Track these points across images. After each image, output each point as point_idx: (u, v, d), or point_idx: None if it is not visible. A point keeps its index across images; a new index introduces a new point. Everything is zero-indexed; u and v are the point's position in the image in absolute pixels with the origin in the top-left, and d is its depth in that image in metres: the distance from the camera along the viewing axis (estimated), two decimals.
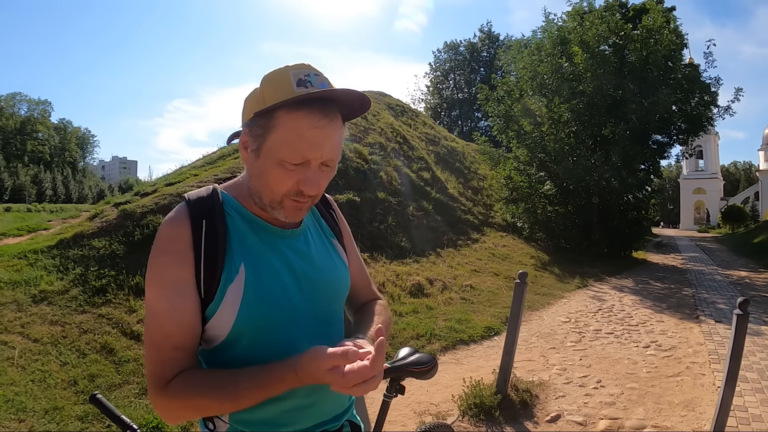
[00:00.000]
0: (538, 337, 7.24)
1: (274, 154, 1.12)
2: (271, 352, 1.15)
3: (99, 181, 74.85)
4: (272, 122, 1.12)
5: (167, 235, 1.16)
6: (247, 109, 1.18)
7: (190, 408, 1.12)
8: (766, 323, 8.00)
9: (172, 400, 1.10)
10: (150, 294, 1.15)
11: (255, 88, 1.19)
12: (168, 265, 1.14)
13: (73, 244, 7.00)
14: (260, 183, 1.17)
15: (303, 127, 1.10)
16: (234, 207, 1.23)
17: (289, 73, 1.13)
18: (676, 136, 19.16)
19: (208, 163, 13.08)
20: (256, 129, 1.14)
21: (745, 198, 60.12)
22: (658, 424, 4.34)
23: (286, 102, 1.09)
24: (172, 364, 1.12)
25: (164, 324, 1.12)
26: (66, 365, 4.70)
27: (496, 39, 52.25)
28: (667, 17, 17.48)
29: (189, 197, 1.22)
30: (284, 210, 1.18)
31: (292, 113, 1.10)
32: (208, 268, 1.13)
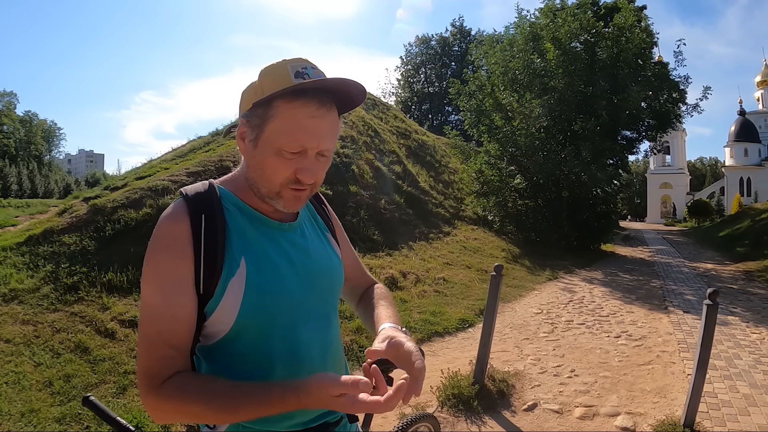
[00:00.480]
0: (511, 328, 7.33)
1: (272, 143, 1.14)
2: (273, 344, 1.17)
3: (65, 175, 73.11)
4: (270, 112, 1.13)
5: (166, 230, 1.15)
6: (245, 101, 1.19)
7: (182, 413, 1.12)
8: (733, 313, 8.24)
9: (165, 401, 1.08)
10: (146, 290, 1.14)
11: (252, 81, 1.20)
12: (166, 261, 1.13)
13: (42, 240, 6.82)
14: (258, 173, 1.18)
15: (300, 116, 1.12)
16: (232, 201, 1.23)
17: (287, 66, 1.14)
18: (644, 132, 19.49)
19: (179, 156, 12.94)
20: (254, 119, 1.16)
21: (710, 193, 61.64)
22: (632, 411, 4.45)
23: (284, 91, 1.10)
24: (165, 363, 1.10)
25: (159, 320, 1.11)
26: (40, 366, 4.56)
27: (467, 34, 52.37)
28: (638, 16, 17.77)
29: (186, 192, 1.21)
30: (283, 200, 1.19)
31: (290, 103, 1.12)
32: (208, 264, 1.12)
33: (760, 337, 6.81)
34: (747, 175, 57.82)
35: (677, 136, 55.76)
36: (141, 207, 7.78)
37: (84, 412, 3.91)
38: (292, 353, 1.20)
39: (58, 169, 70.54)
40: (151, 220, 7.49)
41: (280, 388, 1.05)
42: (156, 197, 8.13)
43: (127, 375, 4.56)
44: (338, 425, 1.34)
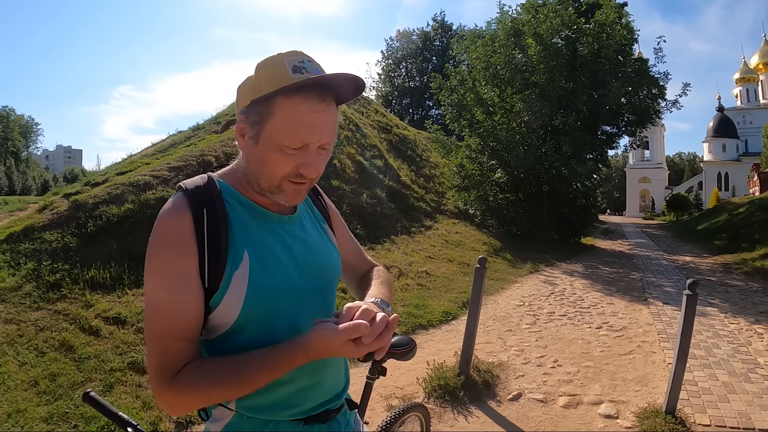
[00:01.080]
0: (494, 320, 7.39)
1: (273, 139, 1.14)
2: (277, 335, 1.17)
3: (43, 171, 71.96)
4: (270, 109, 1.13)
5: (168, 226, 1.14)
6: (242, 96, 1.19)
7: (199, 398, 1.13)
8: (711, 305, 8.39)
9: (180, 392, 1.09)
10: (151, 286, 1.13)
11: (249, 75, 1.20)
12: (170, 256, 1.12)
13: (23, 237, 6.73)
14: (259, 168, 1.19)
15: (301, 112, 1.13)
16: (232, 195, 1.23)
17: (284, 60, 1.14)
18: (624, 128, 19.74)
19: (160, 151, 12.82)
20: (253, 116, 1.16)
21: (689, 187, 62.46)
22: (615, 399, 4.53)
23: (283, 89, 1.11)
24: (177, 356, 1.11)
25: (167, 316, 1.11)
26: (25, 365, 4.49)
27: (449, 28, 52.40)
28: (619, 13, 17.94)
29: (186, 186, 1.20)
30: (284, 193, 1.20)
31: (290, 99, 1.12)
32: (212, 258, 1.13)
33: (738, 328, 6.95)
34: (725, 170, 58.75)
35: (656, 131, 56.40)
36: (123, 202, 7.72)
37: (72, 411, 3.88)
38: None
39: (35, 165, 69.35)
40: (133, 215, 7.45)
41: (287, 348, 1.09)
42: (138, 192, 8.08)
43: (113, 373, 4.53)
44: (339, 412, 1.36)
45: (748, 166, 49.82)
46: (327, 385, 1.31)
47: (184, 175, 9.23)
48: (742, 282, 11.07)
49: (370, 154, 16.25)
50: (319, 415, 1.28)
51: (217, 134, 13.28)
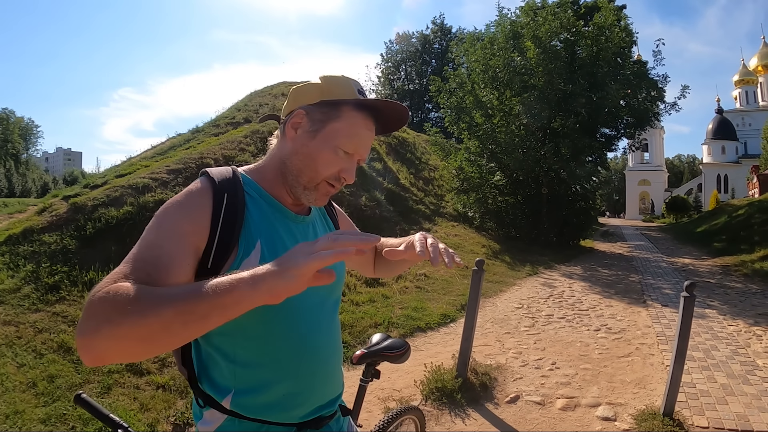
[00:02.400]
0: (492, 322, 7.39)
1: (331, 139, 1.24)
2: (279, 328, 1.20)
3: (43, 173, 71.71)
4: (337, 113, 1.25)
5: (188, 196, 1.16)
6: (306, 96, 1.28)
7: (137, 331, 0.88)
8: (710, 306, 8.39)
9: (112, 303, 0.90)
10: (146, 231, 1.09)
11: (311, 82, 1.31)
12: (177, 214, 1.12)
13: (22, 239, 6.73)
14: (306, 162, 1.26)
15: (361, 125, 1.27)
16: (254, 188, 1.28)
17: (350, 81, 1.29)
18: (623, 130, 19.67)
19: (159, 154, 12.84)
20: (317, 114, 1.25)
21: (688, 189, 62.62)
22: (613, 401, 4.53)
23: (354, 101, 1.25)
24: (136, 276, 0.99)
25: (147, 255, 1.03)
26: (23, 367, 4.49)
27: (448, 31, 52.44)
28: (617, 15, 17.93)
29: (211, 173, 1.23)
30: (317, 193, 1.29)
31: (356, 112, 1.26)
32: (222, 240, 1.14)
33: (737, 330, 6.95)
34: (724, 172, 58.84)
35: (655, 133, 56.44)
36: (122, 205, 7.72)
37: (69, 413, 3.87)
38: (295, 344, 1.24)
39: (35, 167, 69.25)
40: (132, 218, 7.45)
41: (248, 271, 0.90)
42: (137, 195, 8.08)
43: (111, 374, 4.51)
44: (332, 419, 1.37)
45: (747, 168, 49.92)
46: (321, 390, 1.31)
47: (183, 177, 9.23)
48: (741, 284, 11.07)
49: (369, 157, 16.19)
50: (311, 421, 1.29)
51: (216, 137, 13.30)
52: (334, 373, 1.37)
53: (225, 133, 13.74)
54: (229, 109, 18.01)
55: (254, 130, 13.35)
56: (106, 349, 0.88)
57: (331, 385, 1.36)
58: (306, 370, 1.24)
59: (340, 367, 1.42)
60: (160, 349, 0.91)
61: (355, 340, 6.10)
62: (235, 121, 15.60)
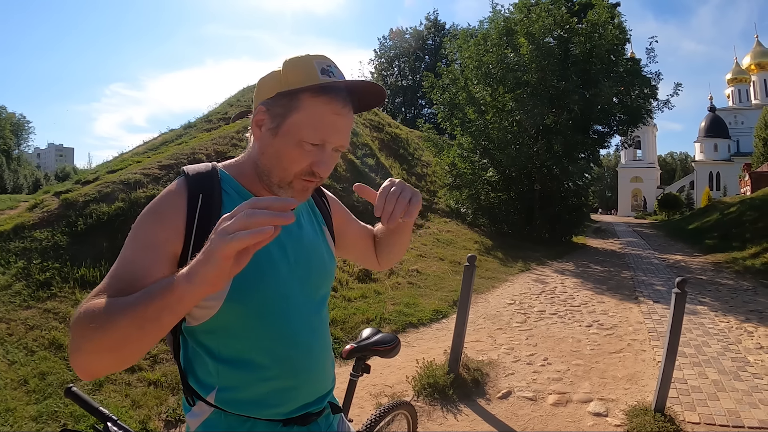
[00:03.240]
0: (484, 318, 7.39)
1: (294, 134, 1.15)
2: (262, 328, 1.18)
3: (35, 169, 71.13)
4: (296, 103, 1.14)
5: (162, 200, 1.15)
6: (266, 88, 1.19)
7: (106, 339, 0.91)
8: (702, 303, 8.43)
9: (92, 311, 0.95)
10: (125, 243, 1.12)
11: (274, 70, 1.21)
12: (151, 223, 1.12)
13: (13, 236, 6.66)
14: (273, 162, 1.19)
15: (325, 111, 1.15)
16: (232, 186, 1.23)
17: (313, 62, 1.16)
18: (616, 127, 19.77)
19: (151, 149, 12.79)
20: (276, 108, 1.17)
21: (680, 187, 62.94)
22: (604, 397, 4.53)
23: (311, 86, 1.13)
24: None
25: (122, 271, 1.05)
26: (14, 364, 4.44)
27: (441, 27, 52.47)
28: (611, 13, 17.95)
29: (188, 172, 1.21)
30: (293, 190, 1.20)
31: (316, 98, 1.14)
32: (198, 242, 1.09)
33: (728, 326, 6.98)
34: (716, 169, 59.12)
35: (648, 131, 56.73)
36: (113, 201, 7.67)
37: (61, 410, 3.84)
38: (279, 340, 1.21)
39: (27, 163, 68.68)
40: (123, 214, 7.40)
41: (187, 266, 0.90)
42: (128, 191, 8.03)
43: None
44: (320, 416, 1.34)
45: (739, 165, 50.25)
46: (310, 387, 1.29)
47: (175, 173, 9.18)
48: (733, 281, 11.12)
49: (362, 153, 16.22)
50: (298, 417, 1.27)
51: (209, 132, 13.25)
52: (322, 369, 1.34)
53: (217, 129, 13.69)
54: (221, 105, 17.96)
55: (247, 125, 13.22)
56: (89, 364, 0.95)
57: (319, 382, 1.32)
58: (291, 367, 1.22)
59: (330, 363, 1.39)
60: (133, 355, 0.95)
61: (347, 336, 6.09)
62: (227, 116, 15.55)
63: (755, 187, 34.86)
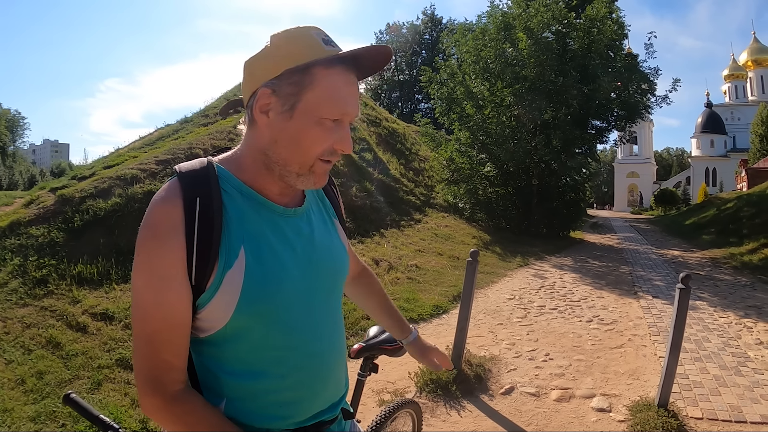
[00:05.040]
0: (485, 314, 7.37)
1: (312, 112, 1.07)
2: (275, 337, 1.11)
3: (30, 166, 70.64)
4: (309, 78, 1.07)
5: (157, 215, 1.05)
6: (261, 70, 1.10)
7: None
8: (701, 298, 8.41)
9: (174, 416, 1.06)
10: (137, 282, 1.05)
11: (263, 50, 1.11)
12: (155, 251, 1.03)
13: (9, 233, 6.64)
14: (292, 148, 1.10)
15: (340, 83, 1.09)
16: (231, 183, 1.13)
17: (312, 33, 1.09)
18: (613, 122, 19.72)
19: (147, 145, 12.75)
20: (286, 87, 1.07)
21: (677, 182, 63.18)
22: (607, 392, 4.52)
23: (323, 59, 1.06)
24: (166, 366, 1.05)
25: (152, 318, 1.03)
26: (11, 363, 4.40)
27: (439, 22, 52.44)
28: (609, 8, 17.86)
29: (181, 170, 1.10)
30: (314, 175, 1.14)
31: (329, 69, 1.08)
32: (201, 254, 1.04)
33: (728, 321, 6.98)
34: (713, 165, 59.32)
35: (645, 126, 56.78)
36: (110, 196, 7.64)
37: (59, 410, 3.79)
38: (290, 351, 1.14)
39: (22, 159, 68.25)
40: (120, 209, 7.38)
41: None
42: (125, 186, 8.00)
43: (101, 370, 4.45)
44: (333, 423, 1.29)
45: (736, 161, 50.36)
46: (321, 395, 1.23)
47: (172, 168, 9.13)
48: (731, 276, 11.13)
49: (360, 148, 16.19)
50: (311, 426, 1.21)
51: (205, 127, 13.20)
52: (336, 376, 1.27)
53: (214, 123, 13.64)
54: (217, 100, 17.87)
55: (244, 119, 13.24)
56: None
57: (333, 389, 1.27)
58: (304, 377, 1.16)
59: (344, 368, 1.33)
60: None
61: (348, 332, 6.06)
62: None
63: (752, 183, 34.88)
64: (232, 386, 1.11)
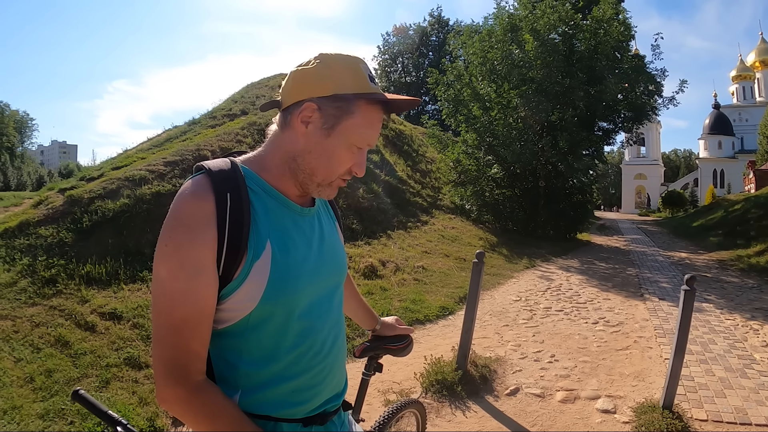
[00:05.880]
0: (491, 315, 7.39)
1: (346, 136, 1.19)
2: (289, 326, 1.18)
3: (38, 167, 70.93)
4: (352, 108, 1.18)
5: (188, 209, 1.09)
6: (311, 85, 1.18)
7: (198, 425, 1.10)
8: (707, 300, 8.40)
9: (196, 406, 1.09)
10: (164, 273, 1.08)
11: (314, 66, 1.19)
12: (188, 243, 1.07)
13: (18, 233, 6.69)
14: (322, 161, 1.21)
15: (375, 119, 1.23)
16: (256, 181, 1.20)
17: (360, 66, 1.21)
18: (620, 124, 19.69)
19: (155, 146, 12.81)
20: (331, 109, 1.17)
21: (684, 184, 62.88)
22: (612, 394, 4.54)
23: (368, 96, 1.19)
24: (192, 356, 1.08)
25: (182, 306, 1.06)
26: (20, 361, 4.44)
27: (445, 24, 52.42)
28: (616, 9, 17.84)
29: (210, 168, 1.15)
30: (330, 188, 1.26)
31: (370, 106, 1.21)
32: (231, 247, 1.09)
33: (734, 324, 6.97)
34: (721, 167, 59.06)
35: (652, 128, 56.61)
36: (118, 197, 7.69)
37: (68, 408, 3.83)
38: (306, 338, 1.21)
39: (30, 160, 68.49)
40: (128, 210, 7.43)
41: None
42: (133, 187, 8.04)
43: (109, 368, 4.49)
44: (335, 414, 1.35)
45: (743, 163, 50.13)
46: (328, 385, 1.29)
47: (180, 170, 9.20)
48: (738, 278, 11.09)
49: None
50: (317, 416, 1.27)
51: (213, 128, 13.26)
52: (340, 365, 1.35)
53: (222, 125, 13.70)
54: (225, 101, 17.96)
55: (251, 122, 13.33)
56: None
57: (338, 378, 1.34)
58: (316, 364, 1.22)
59: (344, 361, 1.41)
60: None
61: (353, 333, 6.08)
62: (231, 112, 15.56)
63: (760, 184, 34.76)
64: (248, 376, 1.17)
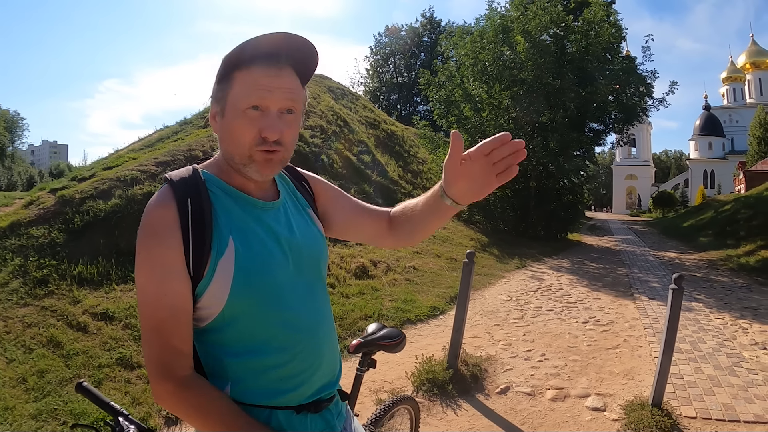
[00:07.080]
0: (482, 314, 7.42)
1: (234, 107, 1.19)
2: (265, 320, 1.20)
3: (29, 167, 70.44)
4: (229, 82, 1.21)
5: (153, 218, 1.17)
6: (213, 85, 1.27)
7: (191, 418, 1.16)
8: (697, 300, 8.48)
9: (184, 401, 1.14)
10: (140, 279, 1.16)
11: None
12: (155, 248, 1.15)
13: (9, 233, 6.63)
14: (228, 141, 1.23)
15: (256, 76, 1.19)
16: (216, 184, 1.26)
17: (242, 46, 1.20)
18: (611, 125, 19.82)
19: (147, 146, 12.75)
20: (217, 94, 1.24)
21: (675, 185, 63.26)
22: (602, 392, 4.57)
23: (238, 64, 1.19)
24: (175, 353, 1.14)
25: (159, 308, 1.13)
26: (12, 362, 4.42)
27: (437, 25, 52.48)
28: (607, 11, 17.97)
29: (171, 178, 1.23)
30: (256, 164, 1.22)
31: (246, 69, 1.19)
32: (196, 247, 1.15)
33: (723, 322, 7.03)
34: (711, 167, 59.48)
35: (643, 129, 56.94)
36: (110, 197, 7.65)
37: (60, 408, 3.83)
38: (285, 326, 1.23)
39: (21, 160, 68.00)
40: (120, 210, 7.39)
41: None
42: (125, 187, 8.01)
43: (101, 369, 4.48)
44: (330, 402, 1.36)
45: (734, 164, 50.46)
46: (318, 372, 1.30)
47: (172, 169, 9.11)
48: (727, 278, 11.18)
49: (358, 150, 16.23)
50: (310, 404, 1.28)
51: (205, 129, 13.23)
52: (329, 351, 1.36)
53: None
54: None
55: None
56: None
57: (329, 364, 1.34)
58: (300, 350, 1.24)
59: (336, 349, 1.41)
60: None
61: (346, 332, 6.11)
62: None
63: (749, 185, 34.96)
64: (235, 367, 1.20)
